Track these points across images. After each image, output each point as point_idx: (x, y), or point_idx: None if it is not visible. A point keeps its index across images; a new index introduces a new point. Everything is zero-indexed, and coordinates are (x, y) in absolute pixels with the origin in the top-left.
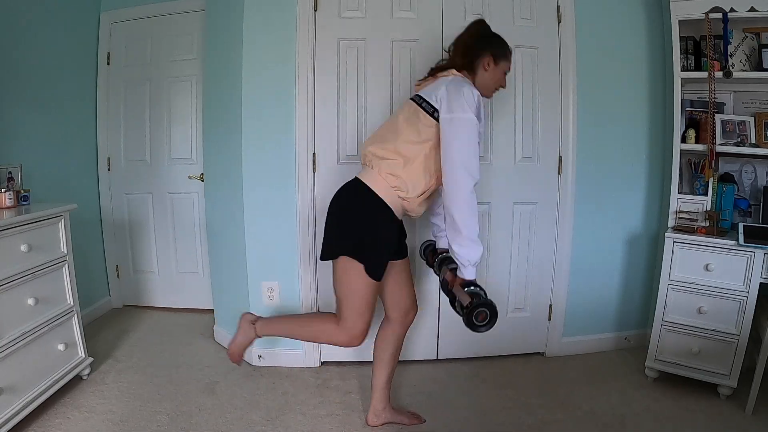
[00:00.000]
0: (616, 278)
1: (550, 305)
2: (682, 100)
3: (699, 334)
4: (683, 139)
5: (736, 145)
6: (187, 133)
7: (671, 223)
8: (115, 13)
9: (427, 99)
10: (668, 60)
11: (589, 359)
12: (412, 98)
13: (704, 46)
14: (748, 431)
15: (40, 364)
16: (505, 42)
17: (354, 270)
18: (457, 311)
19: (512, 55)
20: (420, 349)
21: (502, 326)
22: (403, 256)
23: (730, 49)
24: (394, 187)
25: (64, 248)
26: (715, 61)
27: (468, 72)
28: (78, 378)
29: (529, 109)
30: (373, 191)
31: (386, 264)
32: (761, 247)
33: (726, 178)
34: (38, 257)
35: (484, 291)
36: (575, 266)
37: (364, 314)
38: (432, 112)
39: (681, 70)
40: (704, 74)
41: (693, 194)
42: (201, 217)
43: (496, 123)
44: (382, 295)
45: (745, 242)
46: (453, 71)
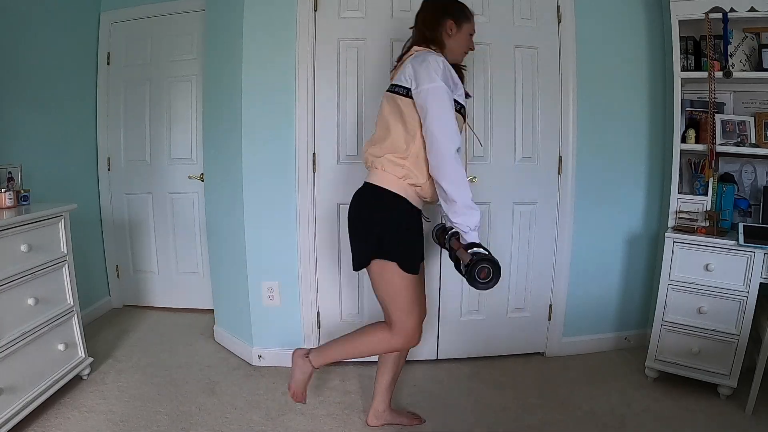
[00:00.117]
0: (616, 278)
1: (550, 305)
2: (682, 100)
3: (699, 334)
4: (683, 139)
5: (736, 145)
6: (187, 133)
7: (671, 223)
8: (115, 13)
9: (398, 83)
10: (668, 60)
11: (589, 359)
12: (387, 90)
13: (704, 46)
14: (748, 431)
15: (40, 364)
16: (464, 5)
17: (389, 270)
18: (461, 273)
19: (473, 16)
20: (420, 349)
21: (502, 326)
22: (421, 258)
23: (730, 49)
24: (402, 177)
25: (64, 248)
26: (715, 61)
27: (434, 45)
28: (78, 378)
29: (529, 109)
30: (384, 188)
31: (419, 256)
32: (761, 247)
33: (726, 178)
34: (38, 257)
35: (488, 251)
36: (575, 266)
37: (412, 311)
38: (406, 93)
39: (681, 70)
40: (704, 74)
41: (693, 194)
42: (201, 217)
43: (496, 123)
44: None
45: (745, 242)
46: (415, 48)
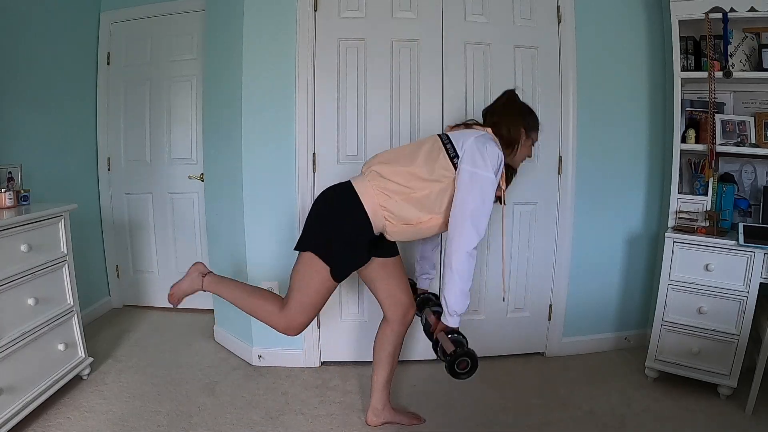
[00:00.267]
0: (616, 278)
1: (550, 305)
2: (682, 100)
3: (699, 334)
4: (683, 139)
5: (736, 145)
6: (187, 133)
7: (671, 223)
8: (115, 13)
9: (454, 142)
10: (668, 60)
11: (589, 359)
12: (439, 135)
13: (704, 46)
14: (748, 431)
15: (40, 364)
16: (535, 114)
17: (318, 268)
18: (439, 356)
19: (540, 126)
20: (420, 348)
21: (502, 326)
22: (393, 254)
23: (730, 49)
24: (382, 206)
25: (64, 248)
26: (715, 61)
27: (505, 144)
28: (78, 378)
29: None
30: (359, 199)
31: (352, 269)
32: (761, 247)
33: (726, 178)
34: (38, 257)
35: (466, 339)
36: (575, 266)
37: (309, 311)
38: (453, 156)
39: (681, 70)
40: (704, 74)
41: (693, 194)
42: (201, 217)
43: None
44: (378, 296)
45: (745, 242)
46: (488, 129)
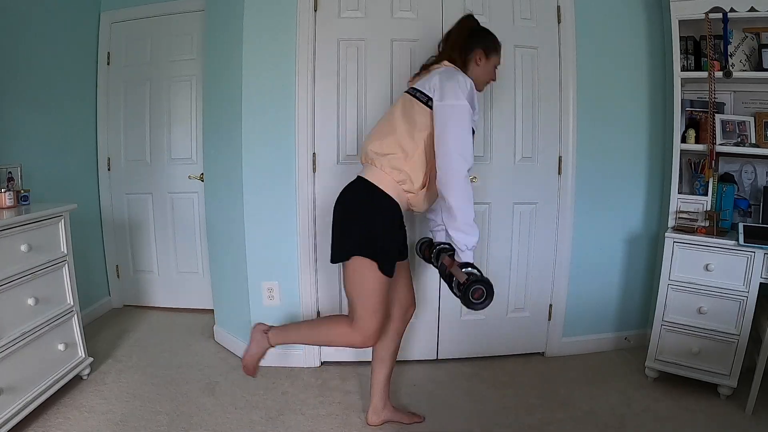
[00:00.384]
0: (616, 278)
1: (550, 305)
2: (682, 100)
3: (699, 334)
4: (683, 139)
5: (736, 145)
6: (187, 133)
7: (671, 223)
8: (115, 13)
9: (421, 89)
10: (668, 60)
11: (589, 359)
12: (406, 91)
13: (704, 46)
14: (748, 431)
15: (40, 364)
16: (495, 36)
17: (366, 268)
18: (454, 292)
19: (501, 48)
20: (420, 349)
21: (502, 326)
22: (404, 256)
23: (730, 49)
24: (399, 182)
25: (64, 248)
26: (715, 61)
27: (460, 68)
28: (78, 378)
29: (529, 108)
30: (379, 188)
31: (396, 260)
32: (761, 247)
33: (726, 178)
34: (38, 257)
35: (481, 272)
36: (575, 266)
37: (377, 312)
38: (426, 101)
39: (681, 70)
40: (704, 74)
41: (693, 194)
42: (201, 217)
43: (496, 123)
44: None
45: (745, 242)
46: (445, 62)
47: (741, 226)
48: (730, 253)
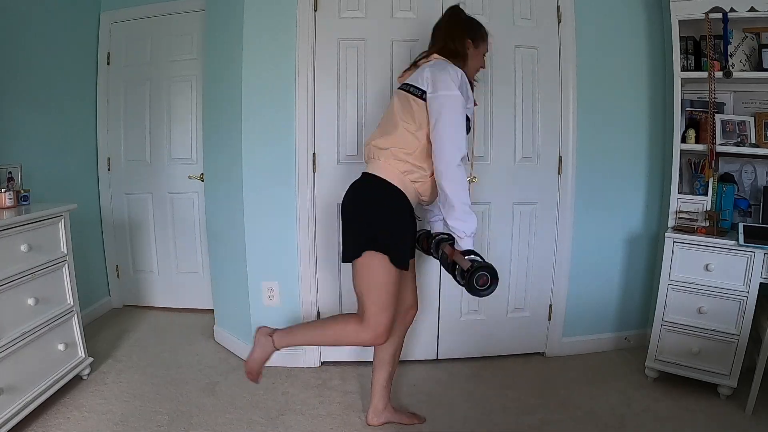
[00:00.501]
0: (616, 278)
1: (550, 305)
2: (682, 100)
3: (699, 334)
4: (683, 139)
5: (736, 145)
6: (187, 133)
7: (671, 223)
8: (115, 13)
9: (414, 84)
10: (668, 60)
11: (589, 359)
12: (399, 88)
13: (704, 46)
14: (748, 431)
15: (40, 364)
16: (481, 25)
17: (378, 263)
18: (458, 280)
19: (488, 36)
20: (420, 349)
21: (502, 326)
22: (412, 255)
23: (730, 49)
24: (404, 172)
25: (64, 248)
26: (715, 61)
27: (456, 58)
28: (78, 378)
29: (529, 109)
30: (385, 180)
31: (409, 252)
32: (761, 247)
33: (726, 178)
34: (38, 257)
35: (483, 258)
36: (575, 266)
37: (388, 308)
38: (420, 94)
39: (681, 70)
40: (704, 74)
41: (693, 194)
42: (201, 217)
43: (496, 123)
44: None
45: (745, 242)
46: (434, 55)
47: (741, 226)
48: (730, 253)
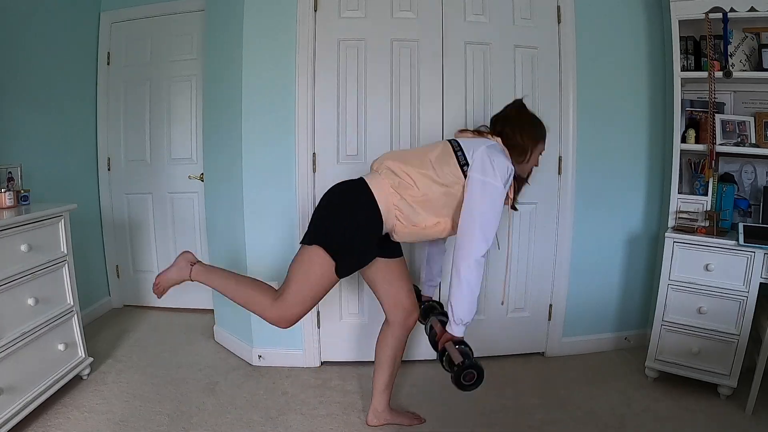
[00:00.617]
0: (616, 278)
1: (550, 305)
2: (682, 100)
3: (699, 334)
4: (683, 139)
5: (736, 145)
6: (187, 133)
7: (671, 223)
8: (115, 13)
9: (464, 150)
10: (668, 60)
11: (589, 359)
12: (450, 140)
13: (704, 46)
14: (748, 431)
15: (40, 364)
16: (544, 126)
17: (322, 262)
18: (444, 367)
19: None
20: (421, 349)
21: (502, 326)
22: (396, 255)
23: (730, 49)
24: (395, 206)
25: (64, 248)
26: (715, 61)
27: (515, 153)
28: (78, 378)
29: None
30: (373, 195)
31: (357, 268)
32: (761, 247)
33: (726, 178)
34: (38, 257)
35: (472, 350)
36: (575, 266)
37: (306, 303)
38: (463, 164)
39: (681, 70)
40: (704, 74)
41: (693, 194)
42: (201, 217)
43: None
44: (380, 297)
45: (745, 242)
46: (498, 138)
47: (741, 226)
48: (730, 253)
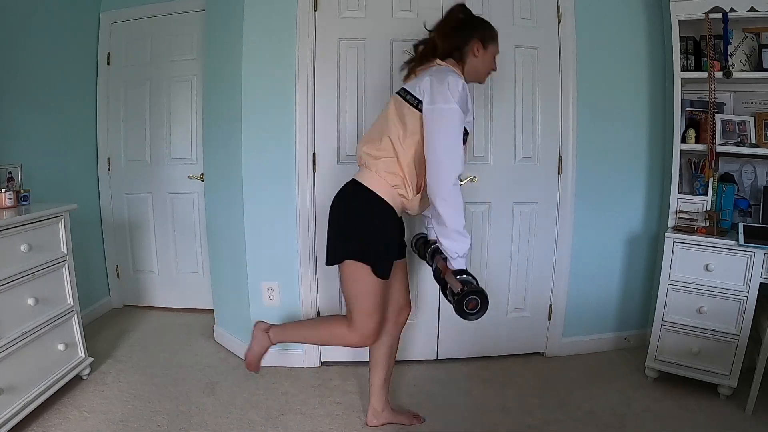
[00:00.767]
0: (616, 278)
1: (550, 305)
2: (682, 100)
3: (699, 334)
4: (683, 139)
5: (736, 145)
6: (187, 133)
7: (671, 223)
8: (115, 13)
9: (411, 91)
10: (668, 60)
11: (589, 359)
12: (397, 92)
13: (704, 46)
14: (748, 431)
15: (40, 364)
16: (491, 24)
17: (361, 272)
18: (448, 299)
19: (498, 36)
20: (420, 349)
21: (502, 326)
22: (402, 255)
23: (730, 49)
24: (395, 186)
25: (64, 248)
26: (715, 61)
27: (455, 60)
28: (78, 378)
29: (529, 109)
30: (373, 192)
31: (393, 262)
32: (761, 247)
33: (726, 178)
34: (38, 257)
35: (476, 279)
36: (575, 266)
37: (373, 314)
38: (416, 104)
39: (681, 70)
40: (704, 74)
41: (693, 194)
42: (201, 217)
43: (496, 123)
44: None
45: (745, 242)
46: (438, 61)
47: (741, 226)
48: (730, 253)
